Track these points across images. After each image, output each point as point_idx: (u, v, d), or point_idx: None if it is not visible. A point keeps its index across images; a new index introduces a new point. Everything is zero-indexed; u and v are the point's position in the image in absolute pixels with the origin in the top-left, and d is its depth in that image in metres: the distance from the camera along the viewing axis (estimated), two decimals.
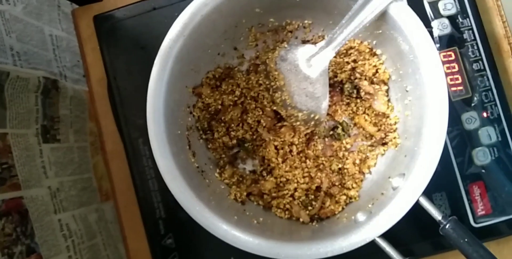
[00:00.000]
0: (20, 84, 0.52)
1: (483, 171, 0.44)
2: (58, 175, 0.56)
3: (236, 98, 0.45)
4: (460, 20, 0.44)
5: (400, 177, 0.38)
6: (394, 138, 0.42)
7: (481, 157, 0.44)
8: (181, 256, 0.46)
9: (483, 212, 0.44)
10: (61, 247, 0.52)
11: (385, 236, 0.36)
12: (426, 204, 0.36)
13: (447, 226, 0.35)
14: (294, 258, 0.36)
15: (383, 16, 0.37)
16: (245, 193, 0.43)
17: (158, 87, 0.38)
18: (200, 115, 0.44)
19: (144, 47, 0.47)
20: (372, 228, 0.36)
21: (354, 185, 0.43)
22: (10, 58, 0.55)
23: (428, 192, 0.35)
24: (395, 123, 0.42)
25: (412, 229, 0.44)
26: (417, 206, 0.36)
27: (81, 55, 0.53)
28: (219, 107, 0.45)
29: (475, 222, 0.44)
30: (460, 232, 0.35)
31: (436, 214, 0.36)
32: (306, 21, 0.44)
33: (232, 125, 0.45)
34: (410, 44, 0.36)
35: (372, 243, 0.36)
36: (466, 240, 0.35)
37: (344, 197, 0.43)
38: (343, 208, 0.43)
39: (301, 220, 0.42)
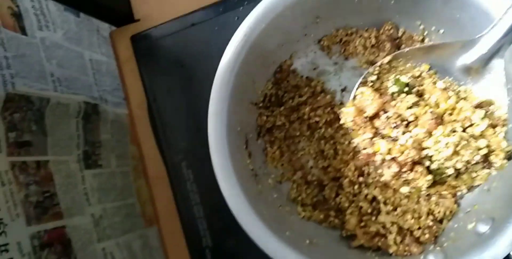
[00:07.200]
0: (60, 110, 0.51)
1: None
2: (101, 202, 0.54)
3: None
4: None
5: (487, 223, 0.31)
6: None
7: None
8: None
9: None
10: None
11: None
12: None
13: None
14: None
15: None
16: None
17: (227, 78, 0.34)
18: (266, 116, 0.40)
19: (183, 65, 0.45)
20: None
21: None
22: (50, 84, 0.55)
23: None
24: None
25: None
26: None
27: (120, 78, 0.52)
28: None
29: None
30: None
31: None
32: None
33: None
34: None
35: None
36: None
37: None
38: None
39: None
